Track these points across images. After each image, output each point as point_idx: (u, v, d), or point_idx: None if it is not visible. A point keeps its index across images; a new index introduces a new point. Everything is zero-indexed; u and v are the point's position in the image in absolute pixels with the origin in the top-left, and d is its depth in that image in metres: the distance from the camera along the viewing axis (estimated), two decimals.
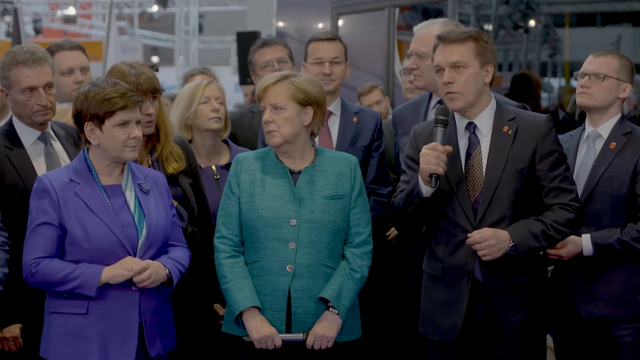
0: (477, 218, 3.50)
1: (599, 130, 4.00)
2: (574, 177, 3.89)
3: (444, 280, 3.61)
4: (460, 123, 3.60)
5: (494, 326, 3.53)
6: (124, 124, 3.38)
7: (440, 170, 3.42)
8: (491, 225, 3.48)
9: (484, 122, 3.57)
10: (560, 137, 3.90)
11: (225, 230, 3.61)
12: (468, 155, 3.57)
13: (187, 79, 5.51)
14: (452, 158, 3.55)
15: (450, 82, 3.52)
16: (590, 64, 4.03)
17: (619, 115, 4.02)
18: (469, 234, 3.48)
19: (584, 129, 4.07)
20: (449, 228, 3.57)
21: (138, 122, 3.43)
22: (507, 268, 3.51)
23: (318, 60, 4.51)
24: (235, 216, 3.60)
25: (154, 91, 3.82)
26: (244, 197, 3.59)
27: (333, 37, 4.60)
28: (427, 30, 4.31)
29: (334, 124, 4.51)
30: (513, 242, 3.45)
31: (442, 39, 3.56)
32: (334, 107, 4.52)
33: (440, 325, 3.62)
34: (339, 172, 3.64)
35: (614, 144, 3.94)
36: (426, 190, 3.48)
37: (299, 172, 3.61)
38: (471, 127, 3.58)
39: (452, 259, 3.57)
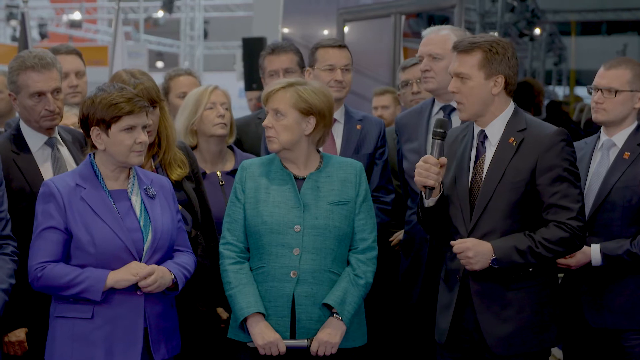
0: (470, 227, 3.51)
1: (614, 139, 3.97)
2: (586, 186, 3.87)
3: (447, 284, 3.65)
4: (475, 130, 3.61)
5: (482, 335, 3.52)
6: (130, 128, 3.38)
7: (431, 182, 3.45)
8: (483, 236, 3.47)
9: (494, 131, 3.56)
10: (575, 144, 3.88)
11: (230, 237, 3.61)
12: (475, 164, 3.57)
13: (171, 78, 5.41)
14: (461, 165, 3.58)
15: (454, 92, 3.55)
16: (602, 77, 3.97)
17: (635, 124, 3.98)
18: (451, 242, 3.49)
19: (599, 137, 4.05)
20: (452, 232, 3.59)
21: (144, 127, 3.44)
22: (501, 278, 3.48)
23: (330, 67, 4.48)
24: (241, 222, 3.61)
25: (151, 102, 3.80)
26: (249, 203, 3.59)
27: (342, 44, 4.59)
28: (438, 34, 4.33)
29: (338, 131, 4.49)
30: (495, 256, 3.42)
31: (454, 47, 3.57)
32: (338, 114, 4.50)
33: (438, 326, 3.67)
34: (343, 178, 3.64)
35: (628, 153, 3.91)
36: (426, 200, 3.51)
37: (304, 178, 3.62)
38: (481, 136, 3.58)
39: (451, 263, 3.59)
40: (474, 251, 3.43)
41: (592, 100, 4.00)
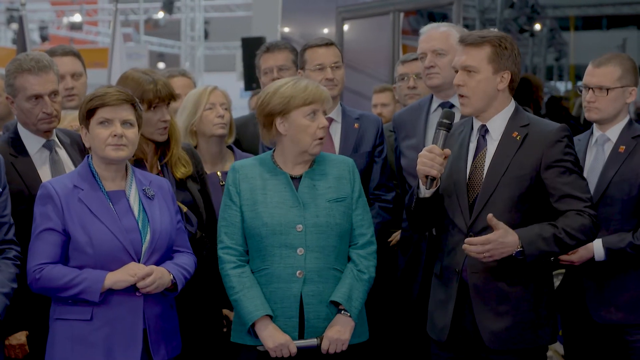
0: (471, 220, 3.49)
1: (608, 134, 3.97)
2: None
3: (441, 280, 3.63)
4: (475, 124, 3.60)
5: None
6: (106, 122, 3.39)
7: (434, 172, 3.43)
8: (484, 229, 3.43)
9: (496, 126, 3.55)
10: None
11: (228, 241, 3.59)
12: (474, 157, 3.56)
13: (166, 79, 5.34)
14: (458, 158, 3.57)
15: (460, 85, 3.53)
16: (592, 76, 3.97)
17: (628, 118, 3.99)
18: (470, 240, 3.42)
19: (592, 132, 4.04)
20: (448, 227, 3.58)
21: (127, 122, 3.42)
22: (499, 274, 3.46)
23: (319, 67, 4.45)
24: (238, 225, 3.58)
25: (171, 97, 3.84)
26: (246, 205, 3.57)
27: (330, 42, 4.55)
28: (438, 30, 4.34)
29: (335, 131, 4.46)
30: (521, 247, 3.35)
31: (461, 40, 3.56)
32: (334, 113, 4.48)
33: (435, 324, 3.64)
34: (338, 175, 3.64)
35: (623, 147, 3.91)
36: (424, 191, 3.49)
37: (299, 177, 3.61)
38: (482, 130, 3.57)
39: (447, 258, 3.58)
40: (500, 243, 3.32)
41: (583, 99, 3.99)
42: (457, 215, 3.54)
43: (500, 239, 3.35)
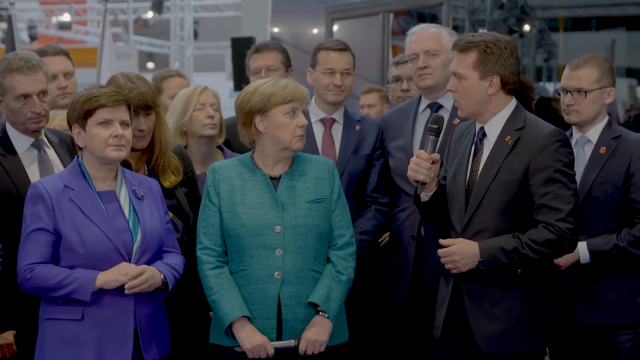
0: (464, 224, 3.51)
1: (588, 136, 3.98)
2: None
3: (445, 278, 3.66)
4: (477, 127, 3.61)
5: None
6: (106, 122, 3.39)
7: (421, 177, 3.46)
8: (475, 234, 3.47)
9: (493, 129, 3.54)
10: None
11: (207, 242, 3.58)
12: (472, 161, 3.57)
13: (163, 78, 5.29)
14: (461, 162, 3.59)
15: (452, 90, 3.56)
16: (569, 79, 3.97)
17: (607, 119, 3.99)
18: (440, 241, 3.49)
19: (572, 134, 4.05)
20: (449, 229, 3.60)
21: (124, 123, 3.42)
22: (492, 278, 3.47)
23: (329, 71, 4.42)
24: (217, 226, 3.58)
25: (146, 107, 3.80)
26: (225, 206, 3.57)
27: (344, 47, 4.49)
28: (428, 31, 4.34)
29: (337, 132, 4.47)
30: (481, 258, 3.42)
31: (453, 45, 3.57)
32: (337, 115, 4.48)
33: (436, 320, 3.67)
34: (317, 176, 3.64)
35: (604, 148, 3.91)
36: (421, 195, 3.50)
37: (278, 178, 3.61)
38: (480, 133, 3.58)
39: None
40: (459, 255, 3.44)
41: (562, 103, 4.00)
42: (454, 217, 3.56)
43: (460, 250, 3.43)
